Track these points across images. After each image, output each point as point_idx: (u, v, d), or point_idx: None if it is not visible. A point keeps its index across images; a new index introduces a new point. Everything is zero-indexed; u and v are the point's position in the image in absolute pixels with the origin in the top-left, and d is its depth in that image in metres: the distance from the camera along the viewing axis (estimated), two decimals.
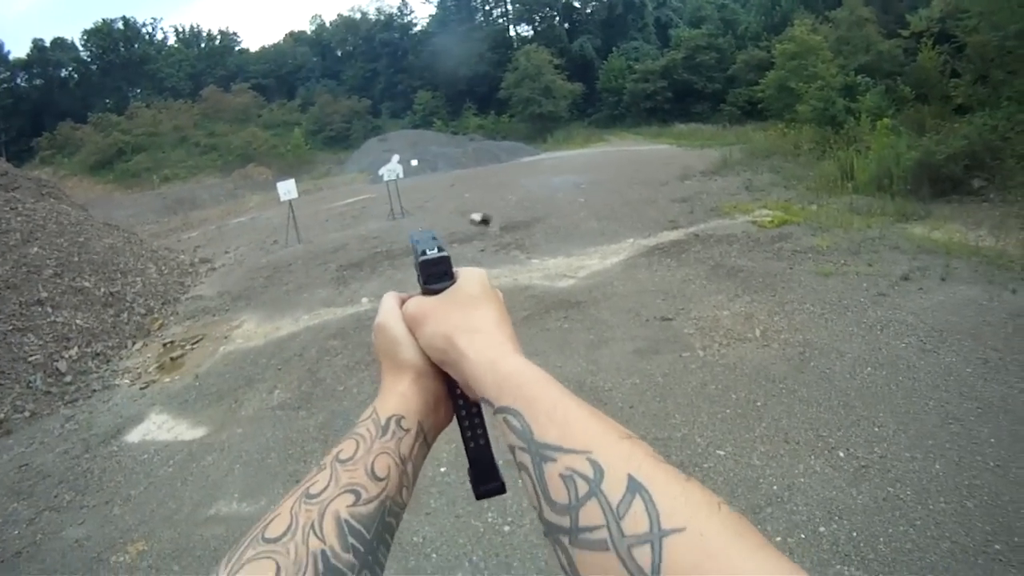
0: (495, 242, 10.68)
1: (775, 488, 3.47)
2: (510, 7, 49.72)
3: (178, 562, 3.63)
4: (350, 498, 0.48)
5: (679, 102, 35.25)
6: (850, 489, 3.38)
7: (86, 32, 52.18)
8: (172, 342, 7.89)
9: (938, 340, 4.99)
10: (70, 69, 52.16)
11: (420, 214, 15.00)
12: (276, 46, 59.15)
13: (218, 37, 58.67)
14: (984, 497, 3.19)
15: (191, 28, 58.68)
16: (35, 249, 9.42)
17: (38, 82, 50.34)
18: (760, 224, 9.30)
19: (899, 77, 17.73)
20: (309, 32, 59.97)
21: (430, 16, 53.45)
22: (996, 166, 9.66)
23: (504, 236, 11.06)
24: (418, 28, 53.19)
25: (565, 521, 0.38)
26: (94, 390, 6.68)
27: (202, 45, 58.08)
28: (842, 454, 3.69)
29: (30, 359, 6.96)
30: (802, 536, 3.09)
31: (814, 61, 18.66)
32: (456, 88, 44.54)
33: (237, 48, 58.77)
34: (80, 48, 52.63)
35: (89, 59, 52.89)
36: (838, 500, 3.30)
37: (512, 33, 49.74)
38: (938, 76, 15.90)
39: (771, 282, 6.81)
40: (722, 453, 3.86)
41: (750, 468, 3.68)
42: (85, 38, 52.29)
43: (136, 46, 53.85)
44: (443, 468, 4.00)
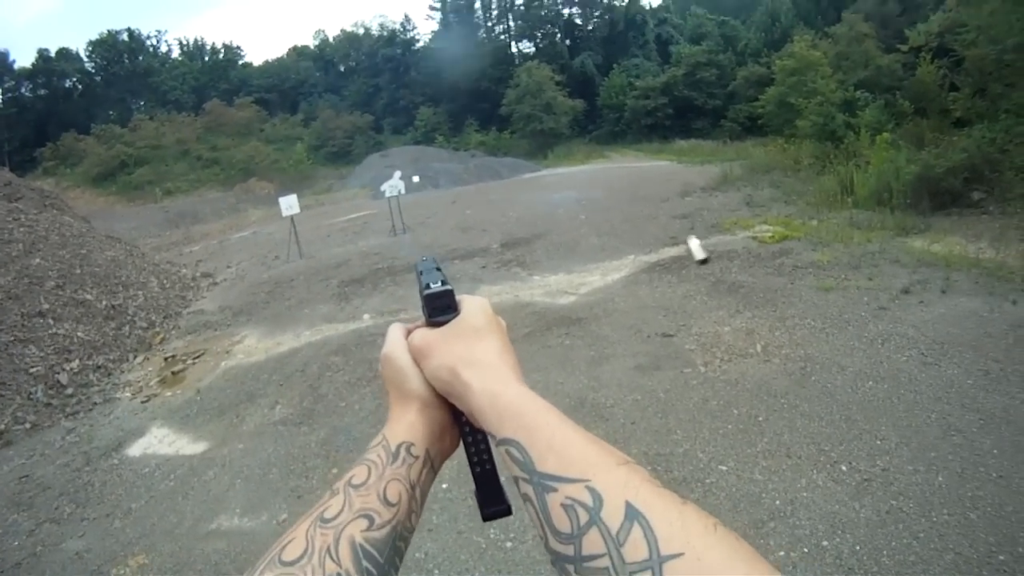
0: (496, 259, 10.70)
1: (778, 503, 3.46)
2: (512, 24, 50.37)
3: None
4: (364, 523, 0.50)
5: (680, 118, 35.50)
6: (853, 503, 3.37)
7: (91, 43, 52.94)
8: (173, 356, 7.89)
9: (939, 353, 4.99)
10: (74, 80, 52.67)
11: (421, 230, 15.04)
12: (279, 60, 59.83)
13: (222, 51, 59.35)
14: (987, 508, 3.18)
15: (195, 41, 59.58)
16: (37, 260, 9.45)
17: (42, 92, 50.85)
18: (761, 239, 9.32)
19: (898, 91, 17.84)
20: (312, 47, 60.74)
21: (433, 32, 54.17)
22: (995, 179, 9.70)
23: (505, 253, 11.08)
24: (421, 44, 53.80)
25: (569, 550, 0.39)
26: (95, 403, 6.68)
27: (206, 58, 58.70)
28: (844, 468, 3.68)
29: (31, 371, 6.97)
30: (805, 550, 3.08)
31: (814, 77, 18.76)
32: (458, 104, 44.92)
33: (241, 62, 59.45)
34: (85, 59, 53.33)
35: (93, 70, 53.46)
36: (841, 514, 3.29)
37: (514, 50, 50.33)
38: (937, 90, 16.00)
39: (772, 297, 6.82)
40: (724, 468, 3.85)
41: (752, 483, 3.67)
42: (90, 49, 52.98)
43: (140, 58, 54.45)
44: (445, 485, 3.99)
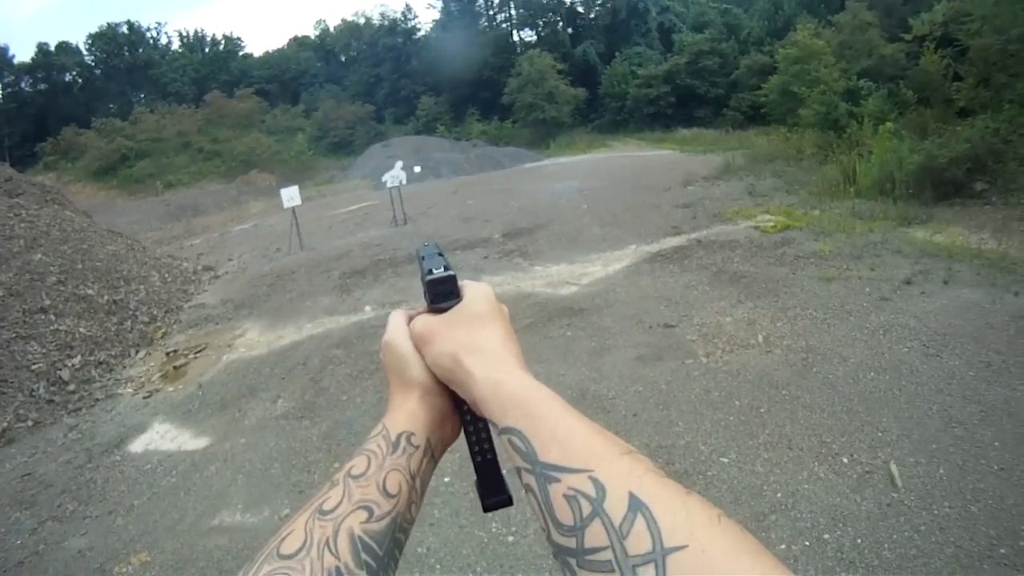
0: (498, 249, 10.68)
1: (779, 495, 3.45)
2: (514, 12, 50.00)
3: (181, 573, 3.62)
4: (363, 514, 0.49)
5: (682, 107, 35.31)
6: (854, 495, 3.36)
7: (91, 36, 52.82)
8: (175, 351, 7.90)
9: (941, 344, 4.98)
10: (74, 73, 52.59)
11: (423, 221, 15.01)
12: (280, 51, 59.51)
13: (222, 42, 59.09)
14: (989, 501, 3.17)
15: (195, 33, 59.27)
16: (38, 256, 9.45)
17: (42, 86, 50.77)
18: (763, 229, 9.29)
19: (901, 81, 17.76)
20: (313, 37, 60.37)
21: (434, 21, 53.78)
22: (998, 169, 9.64)
23: (507, 243, 11.06)
24: (422, 33, 53.47)
25: (572, 543, 0.38)
26: (97, 399, 6.69)
27: (206, 50, 58.43)
28: (846, 460, 3.68)
29: (33, 367, 6.97)
30: (806, 543, 3.08)
31: (817, 66, 18.67)
32: (459, 93, 44.71)
33: (241, 53, 59.18)
34: (85, 52, 53.24)
35: (93, 63, 53.37)
36: (842, 506, 3.29)
37: (515, 38, 50.00)
38: (940, 80, 15.94)
39: (774, 288, 6.80)
40: (726, 460, 3.85)
41: (754, 475, 3.66)
42: (90, 42, 52.85)
43: (140, 51, 54.27)
44: (447, 478, 3.99)
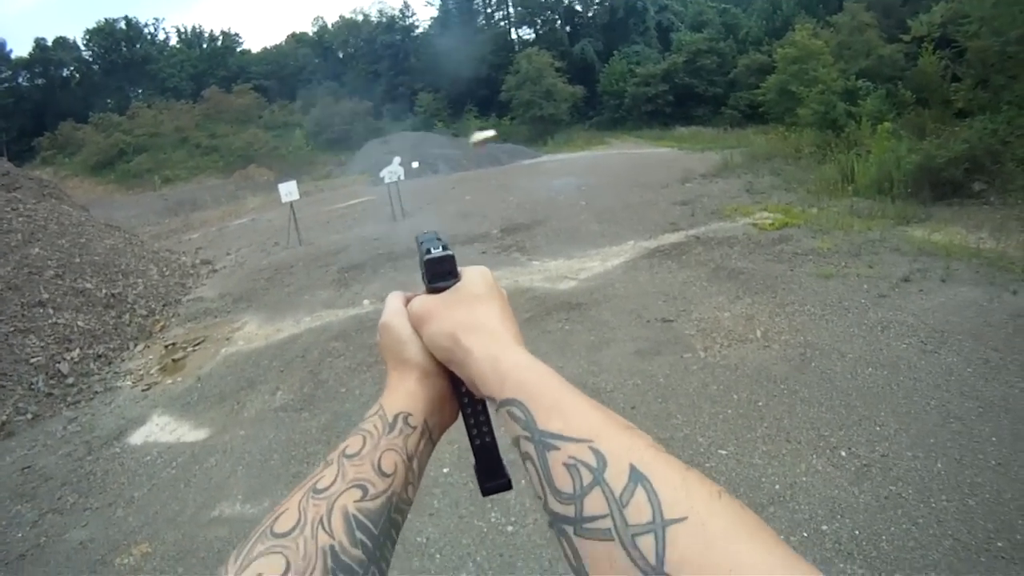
0: (496, 244, 10.69)
1: (777, 487, 3.48)
2: (512, 10, 49.98)
3: (182, 564, 3.63)
4: (357, 493, 0.49)
5: (680, 105, 35.35)
6: (852, 488, 3.39)
7: (88, 32, 52.57)
8: (174, 344, 7.89)
9: (939, 341, 5.00)
10: (72, 69, 52.33)
11: (421, 216, 15.00)
12: (278, 47, 59.35)
13: (220, 38, 58.88)
14: (986, 495, 3.20)
15: (193, 28, 59.02)
16: (36, 250, 9.43)
17: (40, 81, 50.50)
18: (761, 226, 9.31)
19: (900, 81, 17.80)
20: (311, 33, 60.25)
21: (432, 18, 53.81)
22: (996, 169, 9.69)
23: (505, 238, 11.07)
24: (420, 30, 53.39)
25: (570, 511, 0.38)
26: (96, 392, 6.68)
27: (204, 46, 58.21)
28: (844, 453, 3.70)
29: (32, 361, 6.96)
30: (805, 535, 3.10)
31: (815, 65, 18.71)
32: (457, 90, 44.65)
33: (239, 49, 58.99)
34: (82, 48, 52.96)
35: (91, 59, 53.13)
36: (840, 499, 3.31)
37: (514, 36, 50.00)
38: (939, 80, 15.97)
39: (772, 284, 6.82)
40: (724, 453, 3.87)
41: (752, 468, 3.68)
42: (87, 38, 52.61)
43: (138, 46, 54.04)
44: (446, 469, 4.00)
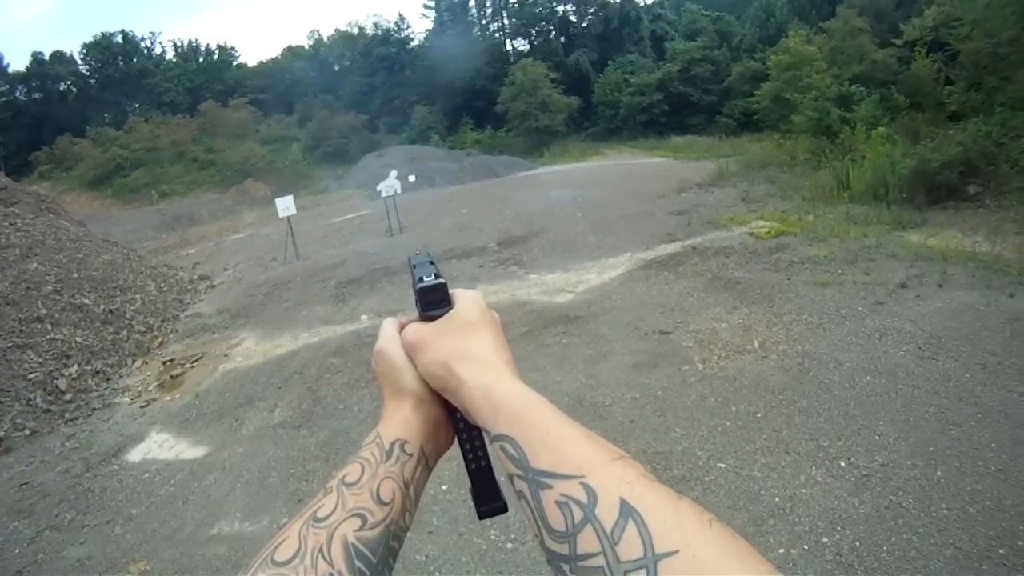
0: (493, 258, 10.70)
1: (777, 500, 3.47)
2: (506, 21, 50.17)
3: None
4: (357, 522, 0.49)
5: (675, 115, 35.40)
6: (852, 498, 3.38)
7: (85, 46, 52.56)
8: (172, 360, 7.88)
9: (936, 347, 5.01)
10: (69, 83, 52.39)
11: (418, 230, 15.02)
12: (274, 61, 59.57)
13: (216, 52, 59.10)
14: (987, 502, 3.19)
15: (189, 43, 59.04)
16: (34, 265, 9.43)
17: (37, 96, 50.52)
18: (757, 235, 9.34)
19: (893, 86, 17.85)
20: (307, 47, 60.40)
21: (427, 31, 53.82)
22: (991, 172, 9.73)
23: (502, 251, 11.08)
24: (415, 43, 53.49)
25: (564, 549, 0.38)
26: (94, 408, 6.67)
27: (200, 60, 58.36)
28: (843, 464, 3.70)
29: (30, 377, 6.95)
30: (805, 547, 3.09)
31: (809, 72, 18.75)
32: (453, 102, 44.71)
33: (235, 63, 59.16)
34: (79, 62, 52.96)
35: (88, 73, 53.17)
36: (840, 510, 3.30)
37: (509, 47, 50.11)
38: (932, 84, 16.03)
39: (769, 293, 6.84)
40: (723, 466, 3.86)
41: (751, 480, 3.68)
42: (84, 52, 52.64)
43: (135, 60, 54.10)
44: (445, 486, 3.99)
